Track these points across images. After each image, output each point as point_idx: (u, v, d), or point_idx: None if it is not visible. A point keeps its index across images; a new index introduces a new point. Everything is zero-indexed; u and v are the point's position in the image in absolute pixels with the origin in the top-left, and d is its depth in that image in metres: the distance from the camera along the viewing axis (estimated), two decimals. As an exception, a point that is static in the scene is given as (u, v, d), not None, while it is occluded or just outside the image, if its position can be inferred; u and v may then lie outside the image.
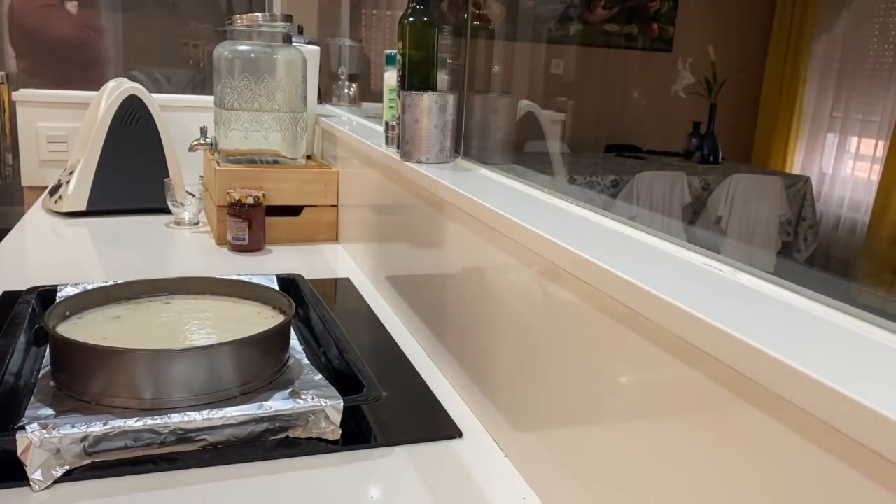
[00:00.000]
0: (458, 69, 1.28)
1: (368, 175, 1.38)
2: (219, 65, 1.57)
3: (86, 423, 0.71)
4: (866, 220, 3.72)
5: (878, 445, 0.37)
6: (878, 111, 3.77)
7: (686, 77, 4.08)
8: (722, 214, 3.20)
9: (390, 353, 1.05)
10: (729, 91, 3.73)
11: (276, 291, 1.01)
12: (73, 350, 0.80)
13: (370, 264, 1.38)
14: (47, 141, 2.02)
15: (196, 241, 1.57)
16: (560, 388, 0.69)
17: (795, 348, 0.44)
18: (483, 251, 0.87)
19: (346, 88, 2.29)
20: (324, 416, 0.78)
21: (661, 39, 4.22)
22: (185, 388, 0.79)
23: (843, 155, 4.00)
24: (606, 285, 0.60)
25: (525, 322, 0.76)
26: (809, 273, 0.57)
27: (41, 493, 0.68)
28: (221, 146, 1.61)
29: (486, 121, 1.21)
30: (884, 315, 0.49)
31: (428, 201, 1.06)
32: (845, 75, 3.97)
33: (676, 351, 0.53)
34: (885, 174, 3.57)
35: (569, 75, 4.12)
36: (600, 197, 2.71)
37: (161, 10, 3.43)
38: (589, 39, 4.11)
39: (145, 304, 0.99)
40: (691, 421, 0.52)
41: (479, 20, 1.14)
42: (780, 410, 0.44)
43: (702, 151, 3.54)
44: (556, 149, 3.49)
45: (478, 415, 0.88)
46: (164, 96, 2.01)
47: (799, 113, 4.17)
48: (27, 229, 1.59)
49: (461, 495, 0.72)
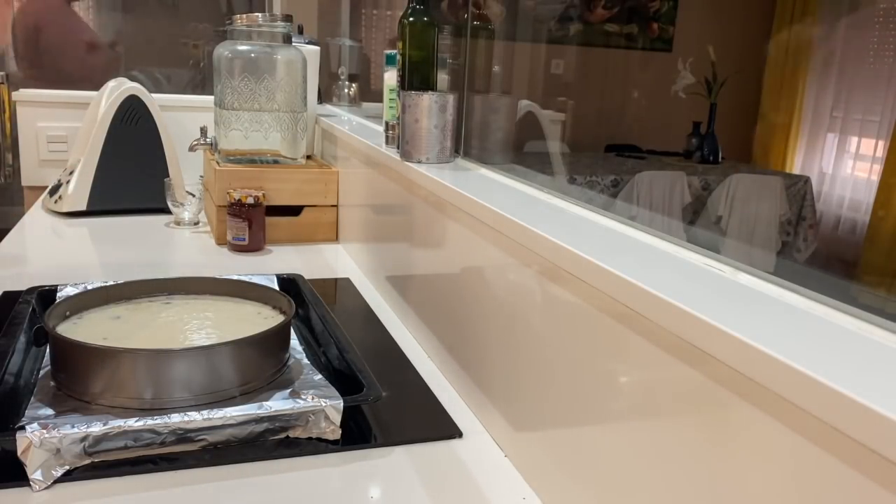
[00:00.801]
0: (458, 69, 1.28)
1: (368, 175, 1.38)
2: (219, 65, 1.57)
3: (86, 423, 0.71)
4: (866, 220, 3.72)
5: (878, 445, 0.37)
6: (878, 111, 3.77)
7: (686, 77, 4.08)
8: (722, 214, 3.20)
9: (390, 353, 1.05)
10: (729, 91, 3.73)
11: (276, 291, 1.01)
12: (73, 350, 0.80)
13: (370, 264, 1.38)
14: (47, 141, 2.02)
15: (196, 241, 1.57)
16: (560, 388, 0.69)
17: (795, 348, 0.44)
18: (483, 251, 0.87)
19: (346, 88, 2.29)
20: (324, 416, 0.78)
21: (661, 39, 4.22)
22: (185, 388, 0.79)
23: (843, 155, 3.99)
24: (606, 285, 0.60)
25: (525, 322, 0.76)
26: (809, 273, 0.57)
27: (41, 493, 0.68)
28: (221, 146, 1.61)
29: (486, 121, 1.21)
30: (884, 315, 0.49)
31: (428, 201, 1.06)
32: (845, 75, 3.97)
33: (676, 351, 0.53)
34: (885, 174, 3.57)
35: (569, 75, 4.12)
36: (600, 197, 2.71)
37: (161, 10, 3.43)
38: (589, 39, 4.11)
39: (145, 304, 0.99)
40: (691, 421, 0.52)
41: (479, 20, 1.14)
42: (780, 410, 0.44)
43: (702, 151, 3.54)
44: (556, 149, 3.49)
45: (478, 415, 0.88)
46: (164, 96, 2.01)
47: (799, 113, 4.17)
48: (27, 229, 1.59)
49: (461, 495, 0.72)
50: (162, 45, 3.43)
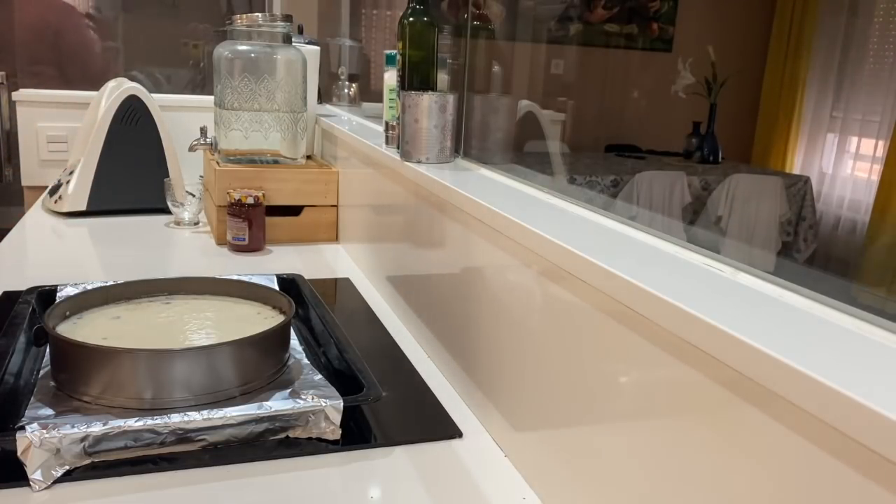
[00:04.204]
0: (458, 69, 1.28)
1: (368, 175, 1.38)
2: (219, 65, 1.57)
3: (86, 423, 0.71)
4: (866, 220, 3.72)
5: (878, 445, 0.37)
6: (878, 111, 3.77)
7: (686, 77, 4.08)
8: (722, 214, 3.20)
9: (390, 353, 1.05)
10: (729, 91, 3.73)
11: (276, 291, 1.01)
12: (73, 350, 0.80)
13: (370, 264, 1.38)
14: (47, 141, 2.02)
15: (196, 241, 1.57)
16: (560, 388, 0.69)
17: (795, 348, 0.44)
18: (483, 251, 0.87)
19: (346, 88, 2.29)
20: (324, 416, 0.78)
21: (661, 39, 4.22)
22: (185, 388, 0.79)
23: (843, 155, 3.99)
24: (606, 285, 0.60)
25: (525, 322, 0.76)
26: (809, 273, 0.57)
27: (41, 493, 0.68)
28: (221, 146, 1.61)
29: (486, 121, 1.21)
30: (884, 315, 0.49)
31: (428, 201, 1.06)
32: (845, 75, 3.97)
33: (676, 351, 0.53)
34: (885, 174, 3.57)
35: (569, 75, 4.12)
36: (600, 197, 2.72)
37: (161, 10, 3.43)
38: (589, 39, 4.11)
39: (145, 304, 0.99)
40: (691, 421, 0.52)
41: (479, 20, 1.14)
42: (781, 410, 0.44)
43: (702, 151, 3.54)
44: (556, 149, 3.49)
45: (478, 415, 0.88)
46: (164, 96, 2.01)
47: (799, 113, 4.17)
48: (27, 229, 1.59)
49: (461, 495, 0.72)
50: (162, 45, 3.43)
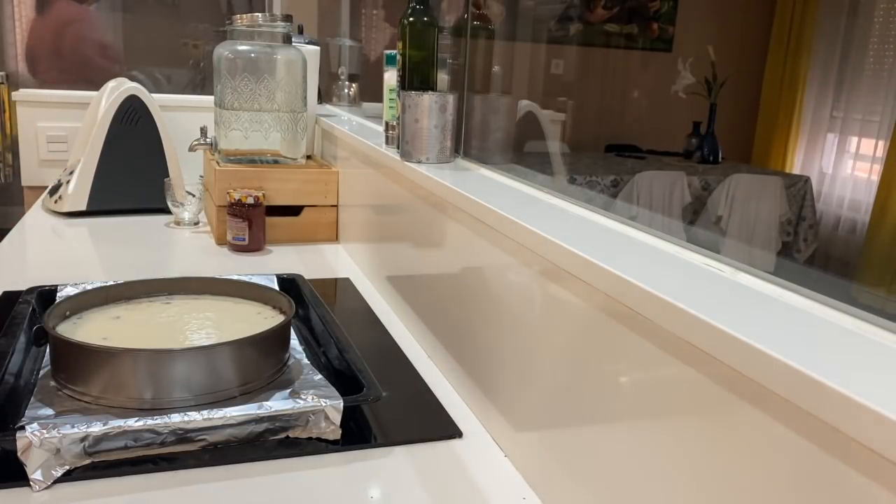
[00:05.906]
0: (458, 69, 1.28)
1: (368, 175, 1.38)
2: (219, 65, 1.57)
3: (86, 423, 0.71)
4: (866, 220, 3.72)
5: (878, 445, 0.37)
6: (878, 111, 3.77)
7: (686, 77, 4.08)
8: (722, 214, 3.20)
9: (390, 353, 1.05)
10: (729, 91, 3.73)
11: (276, 291, 1.01)
12: (73, 350, 0.80)
13: (370, 264, 1.38)
14: (47, 141, 2.02)
15: (196, 241, 1.57)
16: (560, 388, 0.69)
17: (795, 348, 0.44)
18: (483, 251, 0.87)
19: (346, 88, 2.29)
20: (324, 416, 0.78)
21: (661, 39, 4.22)
22: (185, 388, 0.79)
23: (843, 155, 4.00)
24: (607, 285, 0.60)
25: (525, 322, 0.76)
26: (809, 273, 0.57)
27: (41, 493, 0.68)
28: (221, 146, 1.61)
29: (486, 121, 1.21)
30: (884, 315, 0.49)
31: (428, 201, 1.06)
32: (845, 75, 3.97)
33: (676, 351, 0.53)
34: (885, 174, 3.57)
35: (569, 75, 4.12)
36: (600, 197, 2.71)
37: (161, 10, 3.43)
38: (589, 39, 4.11)
39: (145, 304, 0.99)
40: (691, 421, 0.52)
41: (479, 20, 1.14)
42: (781, 410, 0.44)
43: (702, 151, 3.54)
44: (556, 149, 3.49)
45: (478, 415, 0.88)
46: (164, 96, 2.01)
47: (799, 113, 4.18)
48: (27, 229, 1.59)
49: (461, 495, 0.72)
50: (162, 45, 3.43)
